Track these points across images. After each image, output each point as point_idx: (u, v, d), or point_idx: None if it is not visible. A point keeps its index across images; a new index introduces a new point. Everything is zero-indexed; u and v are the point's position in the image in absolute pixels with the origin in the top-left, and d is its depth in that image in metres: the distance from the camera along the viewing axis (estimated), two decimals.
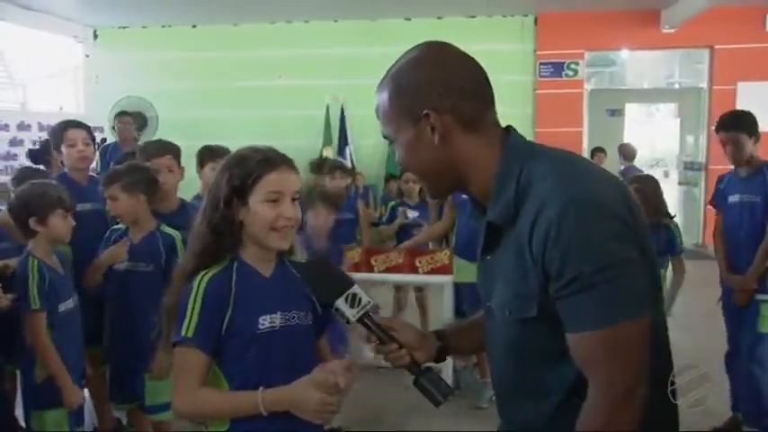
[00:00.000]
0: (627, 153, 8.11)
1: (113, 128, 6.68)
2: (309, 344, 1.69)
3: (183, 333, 1.56)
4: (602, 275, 1.10)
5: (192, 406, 1.59)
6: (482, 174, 1.26)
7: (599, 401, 1.15)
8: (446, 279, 4.15)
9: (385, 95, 1.29)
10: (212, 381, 1.61)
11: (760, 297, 3.46)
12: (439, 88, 1.24)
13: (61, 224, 2.69)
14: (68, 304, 2.73)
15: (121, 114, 6.72)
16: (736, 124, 3.45)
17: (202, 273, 1.60)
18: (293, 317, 1.65)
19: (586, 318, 1.12)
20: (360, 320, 1.43)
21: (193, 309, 1.56)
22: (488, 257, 1.31)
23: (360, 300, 1.43)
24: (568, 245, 1.11)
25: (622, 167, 7.80)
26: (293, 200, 1.63)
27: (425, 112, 1.24)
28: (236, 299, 1.59)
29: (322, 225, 3.42)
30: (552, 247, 1.12)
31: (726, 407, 3.64)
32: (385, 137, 1.33)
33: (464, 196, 4.01)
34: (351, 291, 1.44)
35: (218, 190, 1.63)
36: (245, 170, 1.61)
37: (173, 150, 3.31)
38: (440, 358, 1.52)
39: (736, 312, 3.56)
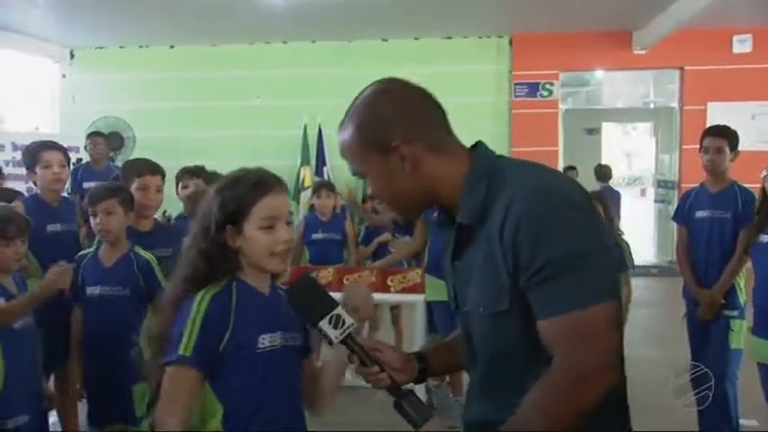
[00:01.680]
0: (602, 174, 8.35)
1: (86, 148, 6.64)
2: (300, 366, 1.68)
3: (180, 352, 1.53)
4: (571, 262, 1.17)
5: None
6: (453, 187, 1.32)
7: (560, 377, 1.17)
8: (418, 298, 4.17)
9: (349, 134, 1.34)
10: (204, 401, 1.59)
11: (728, 313, 3.52)
12: (402, 120, 1.30)
13: (2, 252, 2.60)
14: (17, 324, 2.60)
15: (94, 135, 6.67)
16: (724, 133, 3.60)
17: (203, 292, 1.59)
18: (292, 337, 1.65)
19: (557, 302, 1.17)
20: (343, 341, 1.44)
21: (192, 328, 1.54)
22: (458, 263, 1.36)
23: (343, 321, 1.44)
24: (538, 234, 1.18)
25: (598, 188, 7.94)
26: (287, 223, 1.64)
27: (394, 144, 1.29)
28: (236, 318, 1.58)
29: None
30: (523, 238, 1.19)
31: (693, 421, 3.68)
32: (354, 173, 1.38)
33: (435, 214, 4.06)
34: (335, 312, 1.44)
35: (209, 214, 1.61)
36: (239, 195, 1.60)
37: (162, 171, 3.37)
38: (421, 380, 1.55)
39: (700, 329, 3.62)
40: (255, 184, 1.61)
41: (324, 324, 1.44)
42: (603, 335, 1.18)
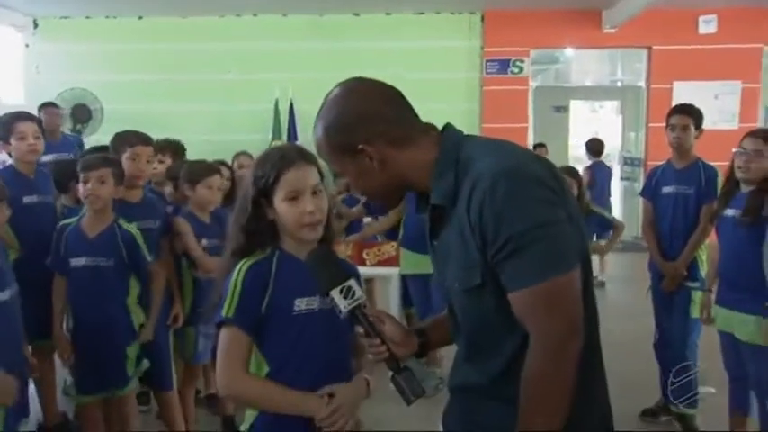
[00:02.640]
0: (593, 148, 8.01)
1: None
2: (346, 328, 1.67)
3: (223, 314, 1.65)
4: (533, 235, 1.23)
5: (236, 388, 1.68)
6: (423, 175, 1.39)
7: (539, 351, 1.26)
8: (393, 271, 4.24)
9: (320, 138, 1.42)
10: (253, 363, 1.69)
11: (690, 285, 3.66)
12: (363, 121, 1.37)
13: None
14: (3, 296, 2.55)
15: (47, 105, 6.38)
16: (690, 111, 3.71)
17: (242, 262, 1.69)
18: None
19: (521, 276, 1.25)
20: (350, 312, 1.51)
21: (233, 292, 1.66)
22: (435, 242, 1.44)
23: (353, 293, 1.51)
24: (501, 210, 1.25)
25: (590, 162, 7.87)
26: (314, 193, 1.69)
27: (360, 146, 1.36)
28: (274, 283, 1.68)
29: (207, 200, 3.38)
30: (487, 214, 1.26)
31: (655, 388, 3.84)
32: (334, 174, 1.44)
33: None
34: (347, 283, 1.51)
35: (246, 190, 1.71)
36: (265, 171, 1.68)
37: (153, 142, 3.41)
38: (421, 354, 1.63)
39: (664, 300, 3.76)
40: (279, 159, 1.69)
41: (335, 293, 1.51)
42: (569, 302, 1.26)
